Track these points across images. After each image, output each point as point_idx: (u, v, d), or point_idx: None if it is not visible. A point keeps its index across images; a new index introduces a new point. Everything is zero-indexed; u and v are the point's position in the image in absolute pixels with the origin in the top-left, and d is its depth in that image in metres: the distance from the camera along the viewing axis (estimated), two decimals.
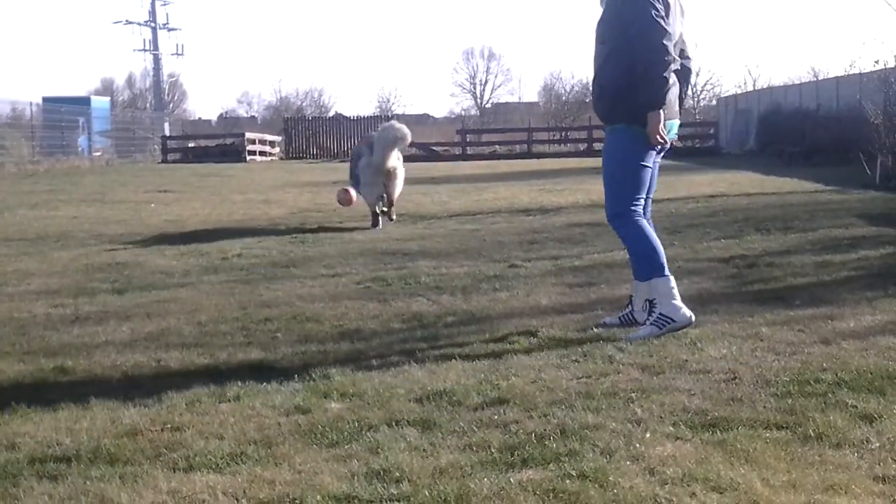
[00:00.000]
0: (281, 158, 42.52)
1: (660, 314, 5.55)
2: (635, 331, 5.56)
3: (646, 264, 5.65)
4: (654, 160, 5.75)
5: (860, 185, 16.86)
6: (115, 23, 76.94)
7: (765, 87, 42.20)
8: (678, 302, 5.58)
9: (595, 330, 5.66)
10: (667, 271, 5.63)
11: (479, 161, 35.45)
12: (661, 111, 5.47)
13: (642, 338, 5.43)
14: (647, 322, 5.57)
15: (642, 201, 5.75)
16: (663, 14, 5.38)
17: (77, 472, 3.54)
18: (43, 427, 4.07)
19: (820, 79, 37.04)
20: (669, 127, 5.64)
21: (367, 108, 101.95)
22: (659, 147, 5.63)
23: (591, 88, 5.95)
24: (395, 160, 12.10)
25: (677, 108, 5.78)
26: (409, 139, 12.22)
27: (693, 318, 5.57)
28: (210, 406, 4.34)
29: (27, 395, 4.56)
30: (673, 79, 5.59)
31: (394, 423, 4.02)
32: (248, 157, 38.55)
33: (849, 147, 22.81)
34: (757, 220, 11.25)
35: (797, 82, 38.29)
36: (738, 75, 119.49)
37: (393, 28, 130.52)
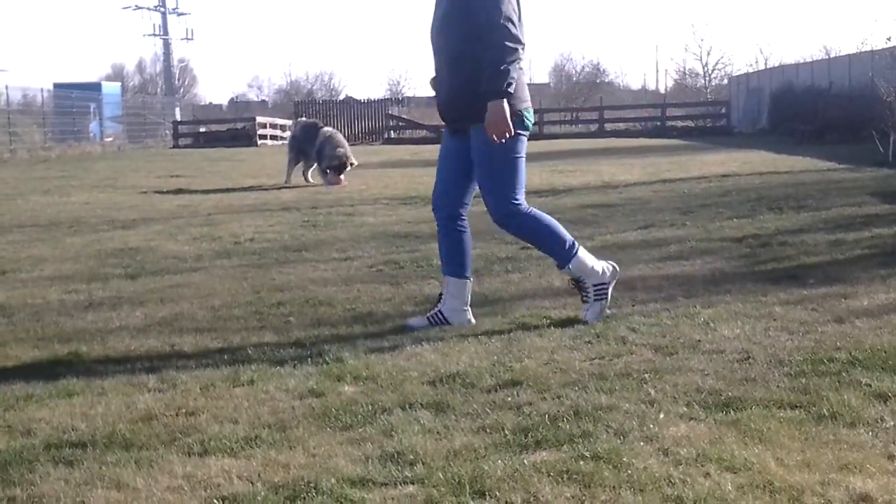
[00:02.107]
0: None
1: (593, 286, 5.49)
2: (587, 312, 5.50)
3: (560, 249, 5.53)
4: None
5: (873, 163, 16.79)
6: (125, 8, 77.06)
7: (776, 65, 42.07)
8: (604, 264, 5.58)
9: (608, 311, 5.65)
10: (577, 244, 5.57)
11: None
12: (507, 102, 5.22)
13: (596, 315, 5.43)
14: (589, 300, 5.51)
15: (523, 192, 5.63)
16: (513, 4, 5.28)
17: (93, 457, 3.55)
18: (58, 413, 4.09)
19: (832, 57, 36.88)
20: (528, 115, 5.49)
21: (377, 91, 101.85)
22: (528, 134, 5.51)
23: (437, 90, 5.65)
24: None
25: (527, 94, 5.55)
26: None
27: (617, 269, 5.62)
28: (224, 390, 4.36)
29: (42, 380, 4.58)
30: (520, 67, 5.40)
31: (407, 406, 4.03)
32: (259, 142, 38.53)
33: (861, 125, 22.73)
34: (770, 200, 11.21)
35: (809, 60, 38.07)
36: (749, 54, 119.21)
37: (403, 10, 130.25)
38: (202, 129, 44.32)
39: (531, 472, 3.26)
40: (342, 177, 15.66)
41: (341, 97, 59.06)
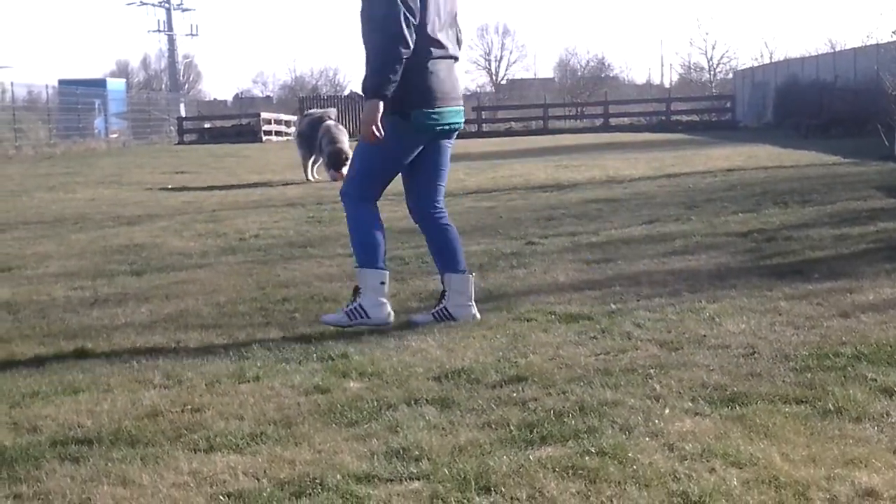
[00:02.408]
0: None
1: (358, 305, 5.40)
2: (332, 314, 5.52)
3: (360, 252, 5.48)
4: (414, 152, 5.51)
5: (878, 156, 16.75)
6: (129, 4, 76.79)
7: (781, 59, 41.96)
8: (383, 299, 5.44)
9: (613, 306, 5.65)
10: (381, 264, 5.47)
11: (495, 138, 35.36)
12: (381, 103, 5.19)
13: (332, 323, 5.41)
14: (345, 308, 5.46)
15: (378, 192, 5.58)
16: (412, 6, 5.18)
17: (98, 454, 3.56)
18: (64, 409, 4.09)
19: (837, 50, 36.76)
20: (447, 113, 5.41)
21: None
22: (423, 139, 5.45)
23: None
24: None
25: (456, 94, 5.50)
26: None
27: (390, 320, 5.43)
28: (230, 387, 4.36)
29: (48, 377, 4.59)
30: (441, 67, 5.36)
31: (413, 402, 4.03)
32: (263, 138, 38.55)
33: (867, 119, 22.69)
34: (775, 194, 11.20)
35: (814, 54, 37.99)
36: (754, 48, 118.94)
37: None
38: (207, 126, 44.34)
39: (536, 467, 3.26)
40: (344, 170, 15.61)
41: (346, 92, 58.95)
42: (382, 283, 5.44)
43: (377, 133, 5.24)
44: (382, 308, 5.42)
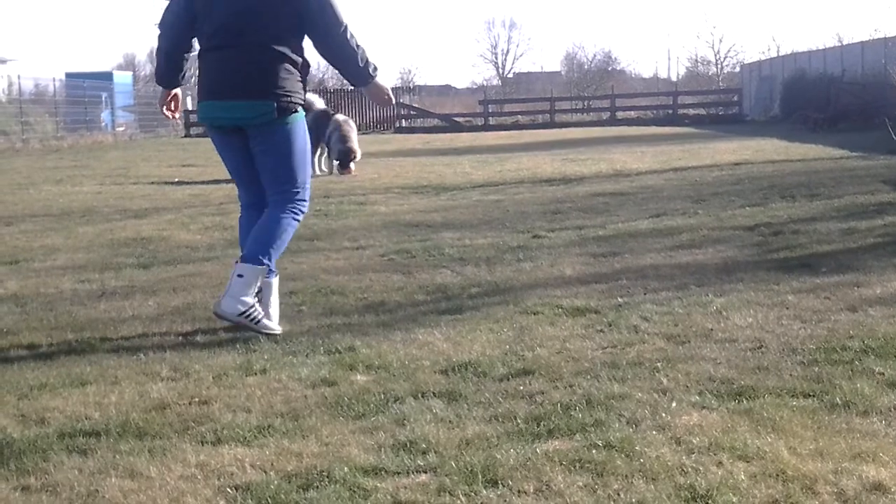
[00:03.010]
0: None
1: (251, 307, 5.14)
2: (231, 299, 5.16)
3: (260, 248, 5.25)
4: (221, 148, 5.45)
5: (886, 150, 16.70)
6: None
7: (789, 53, 41.84)
8: (274, 324, 5.25)
9: (620, 299, 5.64)
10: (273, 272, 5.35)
11: (502, 131, 35.32)
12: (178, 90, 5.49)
13: (220, 303, 5.18)
14: (256, 306, 5.18)
15: (241, 194, 5.55)
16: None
17: (106, 446, 3.57)
18: (72, 402, 4.10)
19: (844, 44, 36.64)
20: (208, 107, 5.29)
21: (388, 80, 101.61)
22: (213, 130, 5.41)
23: None
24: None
25: (217, 88, 5.25)
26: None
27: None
28: (237, 379, 4.37)
29: (55, 369, 4.60)
30: (208, 60, 5.26)
31: (419, 395, 4.03)
32: None
33: (874, 112, 22.65)
34: (782, 188, 11.18)
35: (821, 48, 37.88)
36: (761, 42, 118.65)
37: None
38: None
39: (544, 460, 3.27)
40: (352, 165, 15.80)
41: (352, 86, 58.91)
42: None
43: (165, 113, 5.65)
44: (266, 321, 5.23)
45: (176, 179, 15.85)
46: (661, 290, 5.95)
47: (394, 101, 5.56)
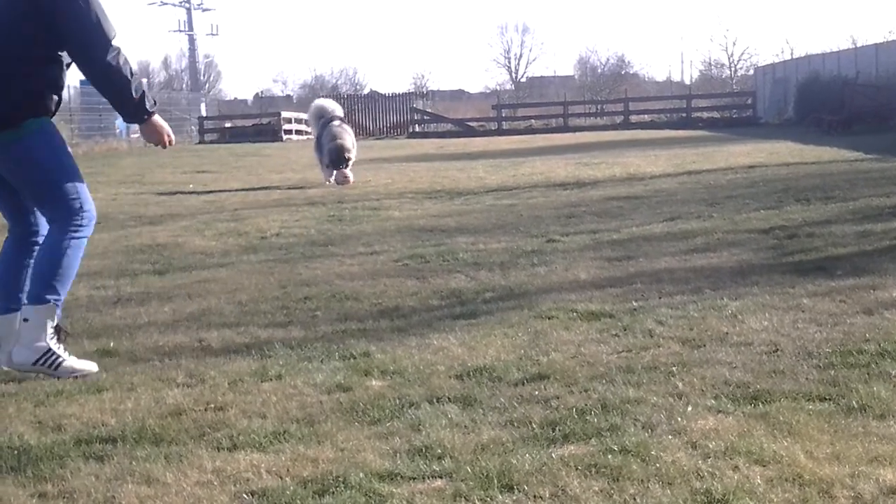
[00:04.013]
0: None
1: (47, 347, 4.66)
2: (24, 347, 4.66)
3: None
4: None
5: None
6: (150, 4, 77.29)
7: (803, 55, 41.70)
8: (82, 364, 4.74)
9: (635, 303, 5.63)
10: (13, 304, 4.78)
11: (515, 136, 35.30)
12: None
13: (12, 357, 4.66)
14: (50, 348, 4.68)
15: (6, 216, 4.94)
16: None
17: (123, 452, 3.58)
18: (88, 408, 4.12)
19: (859, 46, 36.52)
20: None
21: (401, 85, 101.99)
22: None
23: None
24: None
25: None
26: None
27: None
28: (252, 385, 4.37)
29: (71, 376, 4.61)
30: None
31: (435, 400, 4.03)
32: (284, 137, 38.62)
33: (889, 114, 22.59)
34: (797, 190, 11.15)
35: (835, 50, 37.77)
36: (775, 44, 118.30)
37: (426, 4, 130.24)
38: (227, 125, 44.48)
39: (559, 465, 3.26)
40: (348, 171, 15.02)
41: (366, 91, 59.08)
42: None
43: None
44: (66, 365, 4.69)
45: (190, 187, 15.87)
46: (675, 293, 5.93)
47: (174, 143, 4.97)
